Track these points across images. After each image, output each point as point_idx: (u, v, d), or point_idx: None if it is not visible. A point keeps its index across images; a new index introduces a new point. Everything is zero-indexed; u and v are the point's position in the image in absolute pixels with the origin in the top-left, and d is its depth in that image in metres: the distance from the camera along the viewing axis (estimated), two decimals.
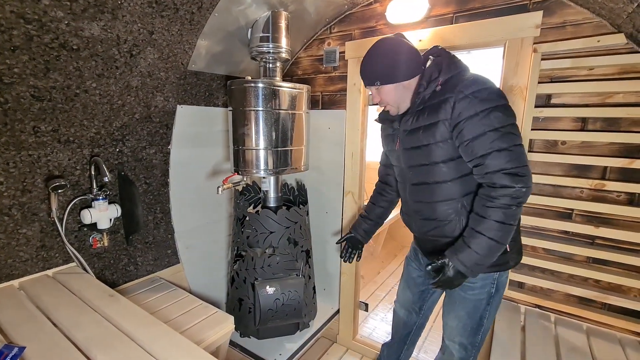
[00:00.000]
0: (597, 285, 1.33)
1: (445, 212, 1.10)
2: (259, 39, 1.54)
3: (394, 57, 1.10)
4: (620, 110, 1.20)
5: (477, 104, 0.97)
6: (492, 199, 0.97)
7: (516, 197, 0.95)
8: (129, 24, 1.24)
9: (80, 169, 1.37)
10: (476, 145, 0.97)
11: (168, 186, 1.70)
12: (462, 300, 1.19)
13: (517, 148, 0.96)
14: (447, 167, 1.06)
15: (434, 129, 1.04)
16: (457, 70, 1.06)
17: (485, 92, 0.98)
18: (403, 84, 1.10)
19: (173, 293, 1.57)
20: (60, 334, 0.97)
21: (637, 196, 1.24)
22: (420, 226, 1.21)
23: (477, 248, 0.99)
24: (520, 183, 0.94)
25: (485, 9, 1.41)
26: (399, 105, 1.14)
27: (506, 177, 0.95)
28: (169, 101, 1.59)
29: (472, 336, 1.21)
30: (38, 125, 1.20)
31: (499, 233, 0.97)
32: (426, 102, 1.08)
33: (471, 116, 0.97)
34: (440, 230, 1.13)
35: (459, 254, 1.02)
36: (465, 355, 1.25)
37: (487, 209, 0.98)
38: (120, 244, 1.56)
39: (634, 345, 1.24)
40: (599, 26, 1.21)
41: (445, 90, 1.03)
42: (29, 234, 1.27)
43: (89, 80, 1.26)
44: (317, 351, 2.00)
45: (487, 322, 1.20)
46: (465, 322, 1.20)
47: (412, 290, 1.42)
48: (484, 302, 1.16)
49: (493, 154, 0.96)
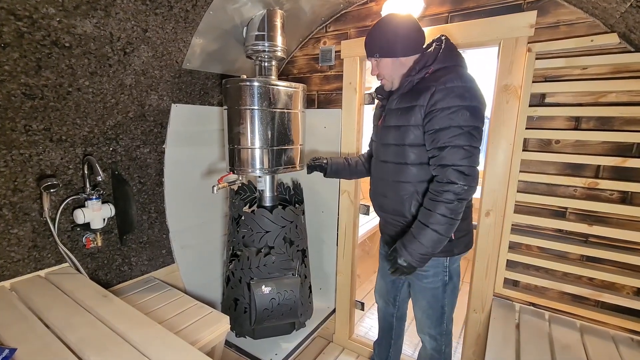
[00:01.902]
0: (591, 283, 1.35)
1: (400, 192, 1.19)
2: (255, 37, 1.53)
3: (396, 33, 1.13)
4: (613, 109, 1.21)
5: (452, 98, 1.03)
6: (438, 193, 1.05)
7: (458, 194, 1.03)
8: (123, 22, 1.23)
9: (73, 168, 1.35)
10: (439, 137, 1.05)
11: (163, 185, 1.68)
12: (421, 291, 1.29)
13: (473, 149, 1.04)
14: (412, 151, 1.14)
15: (411, 112, 1.10)
16: (451, 63, 1.11)
17: (463, 89, 1.03)
18: (401, 60, 1.15)
19: (168, 293, 1.56)
20: (52, 335, 0.96)
21: (630, 194, 1.25)
22: (379, 202, 1.30)
23: (423, 240, 1.07)
24: (464, 181, 1.02)
25: (480, 9, 1.41)
26: (393, 80, 1.20)
27: (455, 173, 1.03)
28: (163, 100, 1.58)
29: (437, 326, 1.30)
30: (29, 124, 1.18)
31: (442, 227, 1.05)
32: (414, 86, 1.13)
33: (443, 108, 1.03)
34: (392, 207, 1.22)
35: (407, 246, 1.11)
36: (436, 345, 1.34)
37: (433, 202, 1.06)
38: (114, 244, 1.55)
39: (627, 342, 1.25)
40: (592, 26, 1.22)
41: (431, 78, 1.09)
42: (21, 234, 1.25)
43: (81, 78, 1.25)
44: (313, 351, 2.00)
45: (448, 310, 1.29)
46: (428, 312, 1.30)
47: (385, 280, 1.52)
48: (440, 291, 1.26)
49: (450, 148, 1.03)
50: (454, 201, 1.03)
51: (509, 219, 1.41)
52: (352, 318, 2.05)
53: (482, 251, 1.49)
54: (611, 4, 1.07)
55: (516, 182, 1.38)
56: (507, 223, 1.42)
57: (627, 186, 1.22)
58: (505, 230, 1.43)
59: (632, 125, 1.22)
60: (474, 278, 1.53)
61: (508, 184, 1.40)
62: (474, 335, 1.57)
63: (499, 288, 1.48)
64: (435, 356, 1.37)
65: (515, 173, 1.38)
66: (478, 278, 1.52)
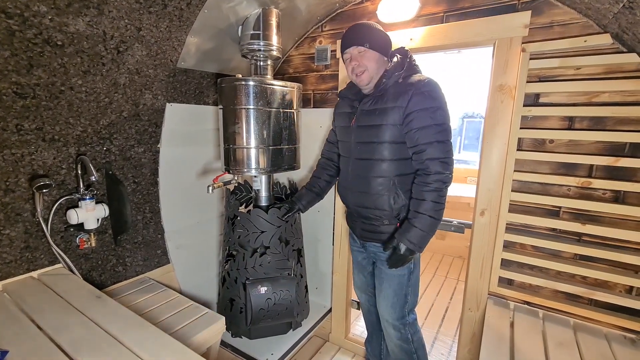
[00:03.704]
0: (584, 281, 1.36)
1: (378, 187, 1.27)
2: (250, 36, 1.52)
3: (382, 33, 1.27)
4: (606, 109, 1.22)
5: (428, 100, 1.17)
6: (426, 184, 1.18)
7: (445, 182, 1.18)
8: (116, 20, 1.22)
9: (66, 168, 1.34)
10: (421, 135, 1.17)
11: (157, 185, 1.67)
12: (389, 278, 1.36)
13: (450, 143, 1.20)
14: (389, 148, 1.24)
15: (390, 112, 1.21)
16: (415, 72, 1.26)
17: (436, 93, 1.18)
18: (383, 59, 1.26)
19: (163, 294, 1.55)
20: (45, 337, 0.95)
21: (623, 194, 1.27)
22: (355, 198, 1.36)
23: (420, 226, 1.18)
24: (448, 170, 1.18)
25: (475, 9, 1.42)
26: (372, 76, 1.26)
27: (441, 164, 1.17)
28: (157, 99, 1.56)
29: (400, 317, 1.38)
30: (21, 123, 1.17)
31: (435, 211, 1.18)
32: (387, 89, 1.23)
33: (423, 109, 1.16)
34: (372, 202, 1.29)
35: (406, 234, 1.19)
36: (401, 335, 1.41)
37: (424, 192, 1.18)
38: (109, 244, 1.54)
39: (620, 339, 1.27)
40: (585, 26, 1.23)
41: (404, 83, 1.21)
42: (13, 235, 1.23)
43: (74, 77, 1.23)
44: (310, 350, 2.00)
45: (411, 299, 1.38)
46: (393, 300, 1.37)
47: (363, 273, 1.57)
48: (405, 278, 1.34)
49: (434, 144, 1.16)
50: (442, 188, 1.18)
51: (504, 218, 1.42)
52: (349, 317, 2.05)
53: (477, 250, 1.50)
54: (604, 5, 1.08)
55: (511, 182, 1.39)
56: (501, 222, 1.43)
57: (619, 185, 1.24)
58: (499, 230, 1.44)
59: (625, 125, 1.23)
60: (469, 277, 1.54)
61: (503, 184, 1.40)
62: (469, 334, 1.58)
63: (493, 287, 1.49)
64: (405, 346, 1.41)
65: (509, 172, 1.39)
66: (473, 277, 1.52)
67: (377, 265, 1.42)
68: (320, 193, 1.62)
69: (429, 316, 2.37)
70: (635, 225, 1.25)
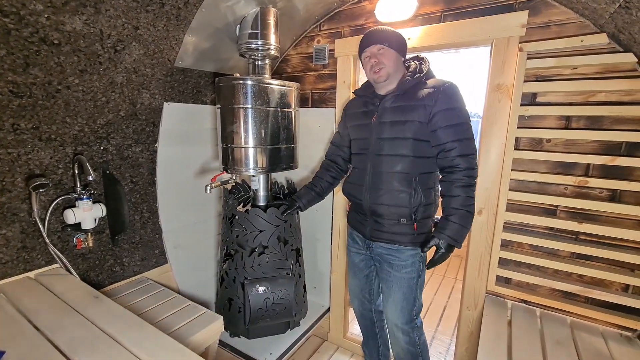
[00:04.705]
0: (581, 280, 1.37)
1: (399, 183, 1.27)
2: (248, 35, 1.52)
3: (401, 37, 1.32)
4: (603, 108, 1.23)
5: (454, 101, 1.21)
6: (456, 180, 1.21)
7: (475, 177, 1.22)
8: (113, 19, 1.21)
9: (63, 168, 1.33)
10: (449, 132, 1.20)
11: (155, 185, 1.66)
12: (398, 281, 1.34)
13: (474, 140, 1.24)
14: (412, 145, 1.25)
15: (416, 109, 1.23)
16: (433, 75, 1.32)
17: (459, 95, 1.24)
18: (400, 59, 1.31)
19: (161, 293, 1.54)
20: (41, 337, 0.94)
21: (619, 192, 1.27)
22: (373, 195, 1.33)
23: (458, 220, 1.20)
24: (475, 165, 1.22)
25: (473, 8, 1.42)
26: (390, 73, 1.28)
27: (472, 160, 1.21)
28: (155, 98, 1.56)
29: (409, 321, 1.37)
30: (17, 123, 1.16)
31: (469, 205, 1.21)
32: (409, 89, 1.26)
33: (448, 109, 1.20)
34: (391, 199, 1.28)
35: (445, 231, 1.20)
36: (409, 339, 1.39)
37: (456, 188, 1.21)
38: (106, 244, 1.53)
39: (616, 337, 1.27)
40: (582, 26, 1.24)
41: (428, 84, 1.25)
42: (9, 235, 1.23)
43: (71, 76, 1.22)
44: (308, 350, 2.00)
45: (418, 302, 1.37)
46: (402, 304, 1.35)
47: (359, 276, 1.55)
48: (414, 281, 1.34)
49: (463, 141, 1.20)
50: (473, 184, 1.22)
51: (501, 217, 1.43)
52: (347, 317, 2.05)
53: (474, 249, 1.50)
54: (601, 5, 1.09)
55: (508, 181, 1.40)
56: (499, 221, 1.43)
57: (616, 184, 1.24)
58: (497, 228, 1.44)
59: (621, 124, 1.24)
60: (467, 276, 1.54)
61: (500, 183, 1.41)
62: (466, 333, 1.59)
63: (491, 285, 1.50)
64: (412, 349, 1.40)
65: (507, 172, 1.39)
66: (471, 276, 1.53)
67: (383, 268, 1.38)
68: (321, 193, 1.61)
69: (426, 315, 2.38)
70: (631, 224, 1.26)
